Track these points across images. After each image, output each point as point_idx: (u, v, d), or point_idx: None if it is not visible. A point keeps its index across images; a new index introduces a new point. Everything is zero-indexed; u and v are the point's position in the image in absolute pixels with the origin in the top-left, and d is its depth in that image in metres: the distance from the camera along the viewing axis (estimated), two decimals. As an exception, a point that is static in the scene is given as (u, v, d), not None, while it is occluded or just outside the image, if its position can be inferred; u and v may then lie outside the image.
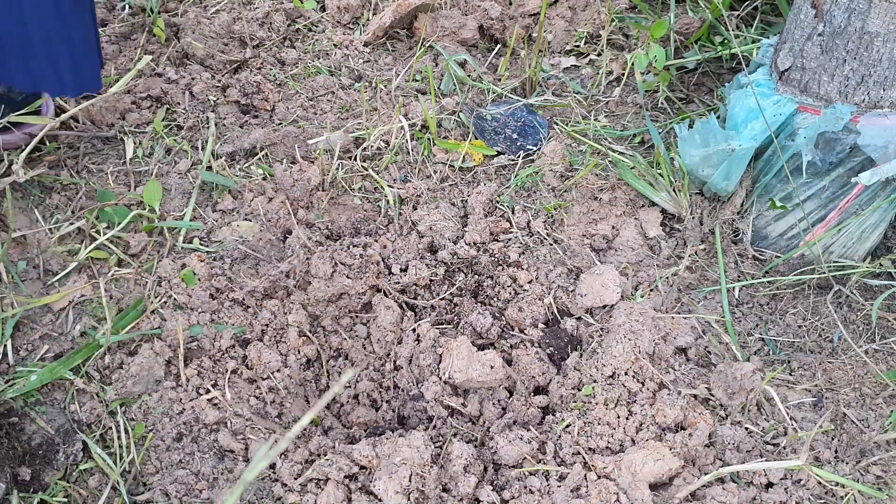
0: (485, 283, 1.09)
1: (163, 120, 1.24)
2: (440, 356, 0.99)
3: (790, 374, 0.99)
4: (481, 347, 1.02)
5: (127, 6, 1.48)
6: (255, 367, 0.93)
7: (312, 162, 1.20)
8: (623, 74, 1.47)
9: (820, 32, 0.98)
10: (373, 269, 1.05)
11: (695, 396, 0.92)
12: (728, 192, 1.13)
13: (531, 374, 0.98)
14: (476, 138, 1.30)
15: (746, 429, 0.90)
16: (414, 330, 1.03)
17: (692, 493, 0.82)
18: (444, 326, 1.06)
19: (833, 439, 0.90)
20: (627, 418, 0.88)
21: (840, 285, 1.07)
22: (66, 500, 0.80)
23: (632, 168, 1.22)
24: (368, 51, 1.52)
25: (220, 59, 1.43)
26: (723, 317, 1.05)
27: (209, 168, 1.16)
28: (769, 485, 0.85)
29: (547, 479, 0.82)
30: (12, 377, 0.86)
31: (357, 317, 1.04)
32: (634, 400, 0.89)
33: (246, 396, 0.91)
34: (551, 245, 1.13)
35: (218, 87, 1.35)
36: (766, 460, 0.86)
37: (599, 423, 0.87)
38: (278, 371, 0.94)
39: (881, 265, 1.08)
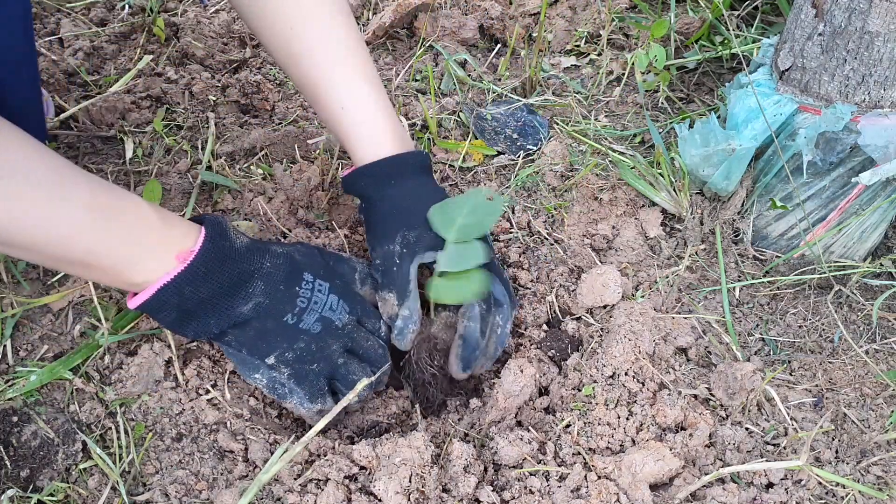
0: (485, 283, 1.09)
1: (163, 120, 1.24)
2: (440, 356, 0.99)
3: (790, 375, 0.99)
4: (481, 347, 1.02)
5: (127, 6, 1.48)
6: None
7: (312, 162, 1.20)
8: (623, 74, 1.47)
9: (820, 32, 0.98)
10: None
11: (695, 397, 0.92)
12: (728, 192, 1.13)
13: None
14: (476, 138, 1.29)
15: (747, 429, 0.90)
16: (414, 330, 1.02)
17: (692, 494, 0.82)
18: (444, 326, 1.06)
19: (833, 439, 0.90)
20: (628, 418, 0.88)
21: (840, 285, 1.07)
22: (65, 500, 0.80)
23: (632, 168, 1.22)
24: (368, 50, 1.52)
25: (220, 58, 1.43)
26: (723, 317, 1.05)
27: (209, 168, 1.16)
28: (769, 485, 0.85)
29: (547, 480, 0.82)
30: (12, 377, 0.86)
31: (357, 317, 1.04)
32: (634, 400, 0.89)
33: (245, 397, 0.91)
34: (552, 245, 1.13)
35: (218, 86, 1.35)
36: (767, 460, 0.86)
37: (600, 424, 0.87)
38: (278, 371, 0.94)
39: (882, 265, 1.08)
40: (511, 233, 1.15)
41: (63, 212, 0.70)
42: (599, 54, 1.53)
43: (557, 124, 1.35)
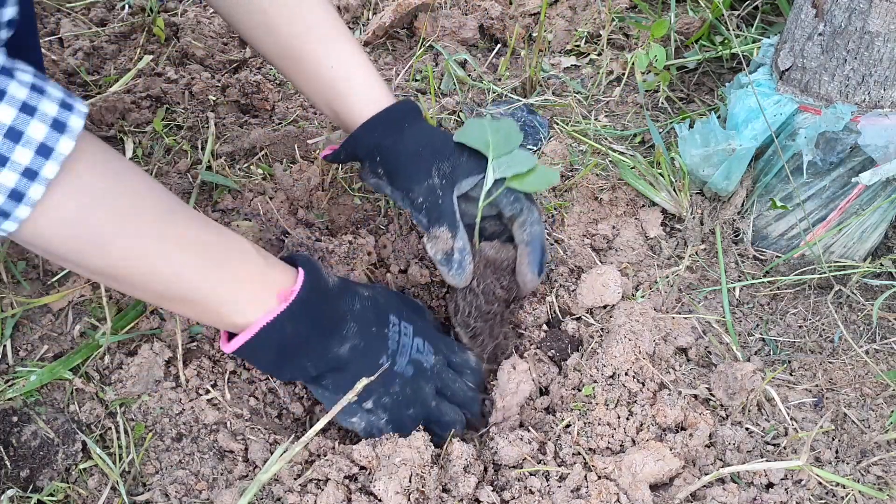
0: (485, 283, 1.09)
1: (162, 119, 1.24)
2: (440, 356, 0.99)
3: (791, 375, 0.99)
4: (481, 347, 1.02)
5: (127, 6, 1.48)
6: (254, 368, 0.93)
7: (312, 162, 1.20)
8: (623, 74, 1.47)
9: (820, 32, 0.98)
10: (362, 258, 1.04)
11: (695, 397, 0.92)
12: (728, 192, 1.13)
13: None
14: (476, 138, 1.29)
15: (747, 429, 0.90)
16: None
17: (693, 494, 0.82)
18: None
19: (833, 439, 0.90)
20: (628, 419, 0.88)
21: (840, 285, 1.07)
22: (65, 500, 0.80)
23: (632, 168, 1.22)
24: (368, 50, 1.52)
25: (220, 58, 1.43)
26: (723, 317, 1.05)
27: (209, 168, 1.16)
28: (770, 485, 0.85)
29: (547, 480, 0.82)
30: (12, 377, 0.86)
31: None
32: (635, 400, 0.89)
33: (245, 397, 0.91)
34: (552, 245, 1.13)
35: (218, 86, 1.35)
36: (767, 460, 0.86)
37: (600, 424, 0.87)
38: (278, 371, 0.94)
39: (882, 265, 1.08)
40: (511, 233, 1.15)
41: (171, 249, 0.68)
42: (599, 54, 1.53)
43: (557, 124, 1.35)
